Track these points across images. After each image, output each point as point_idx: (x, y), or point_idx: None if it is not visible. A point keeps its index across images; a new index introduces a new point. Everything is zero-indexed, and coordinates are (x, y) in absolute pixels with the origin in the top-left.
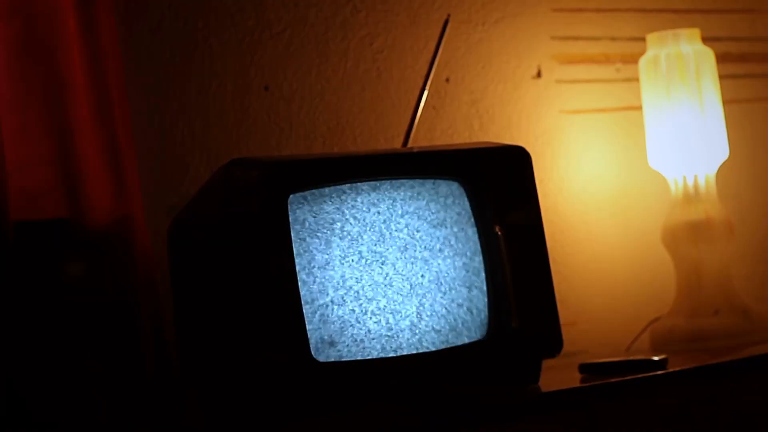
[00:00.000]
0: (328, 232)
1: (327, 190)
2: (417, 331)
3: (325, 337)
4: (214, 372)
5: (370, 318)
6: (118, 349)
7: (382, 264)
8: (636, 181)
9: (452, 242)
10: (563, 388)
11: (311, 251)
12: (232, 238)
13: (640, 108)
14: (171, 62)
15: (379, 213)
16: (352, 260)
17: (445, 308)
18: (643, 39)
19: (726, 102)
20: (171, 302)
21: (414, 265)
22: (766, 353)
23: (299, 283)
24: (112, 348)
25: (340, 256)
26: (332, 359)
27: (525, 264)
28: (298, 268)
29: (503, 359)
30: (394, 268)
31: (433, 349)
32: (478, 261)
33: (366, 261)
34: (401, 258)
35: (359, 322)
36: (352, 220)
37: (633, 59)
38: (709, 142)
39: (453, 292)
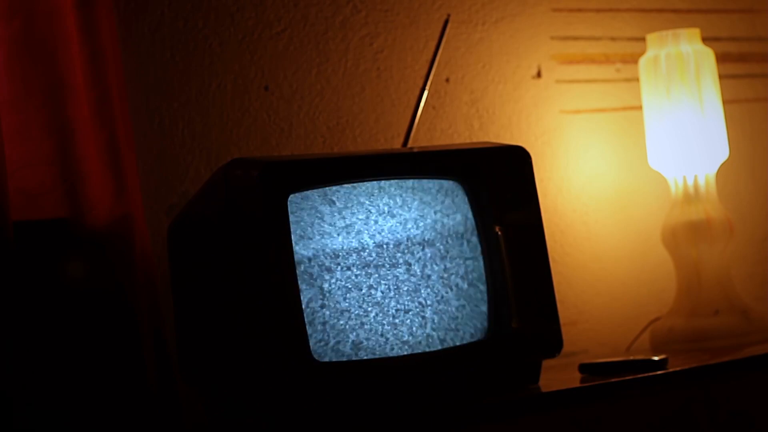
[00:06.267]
0: (329, 232)
1: (327, 190)
2: (417, 331)
3: (325, 337)
4: (214, 372)
5: (370, 318)
6: (117, 349)
7: (382, 264)
8: (636, 181)
9: (452, 242)
10: (563, 388)
11: (311, 251)
12: (232, 238)
13: (640, 108)
14: (171, 62)
15: (378, 213)
16: (352, 260)
17: (445, 308)
18: (643, 39)
19: (726, 102)
20: (171, 302)
21: (414, 265)
22: (766, 353)
23: (299, 283)
24: (111, 348)
25: (339, 255)
26: (332, 359)
27: (525, 264)
28: (297, 267)
29: (503, 359)
30: (394, 268)
31: (433, 349)
32: (478, 261)
33: (365, 261)
34: (401, 258)
35: (359, 322)
36: (352, 220)
37: (633, 59)
38: (709, 142)
39: (453, 292)
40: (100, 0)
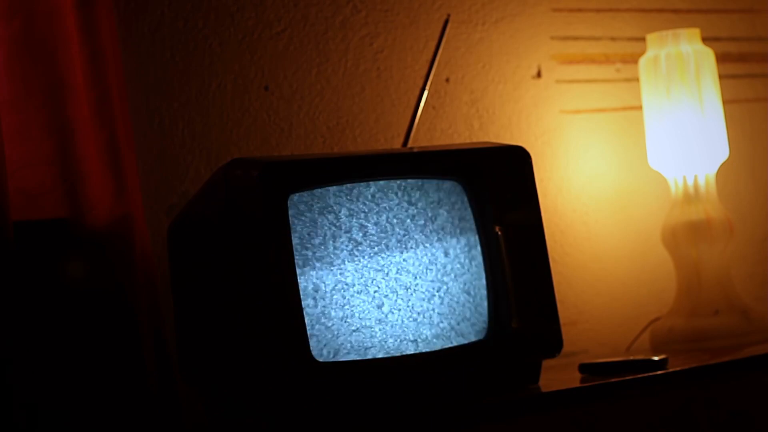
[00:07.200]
0: (328, 232)
1: (327, 190)
2: (417, 330)
3: (325, 337)
4: (214, 372)
5: (370, 318)
6: (118, 349)
7: (382, 264)
8: (636, 181)
9: (452, 242)
10: (563, 388)
11: (311, 251)
12: (232, 238)
13: (640, 108)
14: (171, 62)
15: (379, 213)
16: (352, 260)
17: (445, 308)
18: (643, 39)
19: (726, 102)
20: (171, 302)
21: (414, 265)
22: (766, 353)
23: (299, 283)
24: (111, 348)
25: (339, 256)
26: (332, 359)
27: (525, 264)
28: (297, 268)
29: (503, 359)
30: (394, 269)
31: (433, 349)
32: (478, 261)
33: (366, 261)
34: (401, 258)
35: (359, 322)
36: (352, 220)
37: (633, 59)
38: (709, 142)
39: (453, 292)
40: (100, 0)
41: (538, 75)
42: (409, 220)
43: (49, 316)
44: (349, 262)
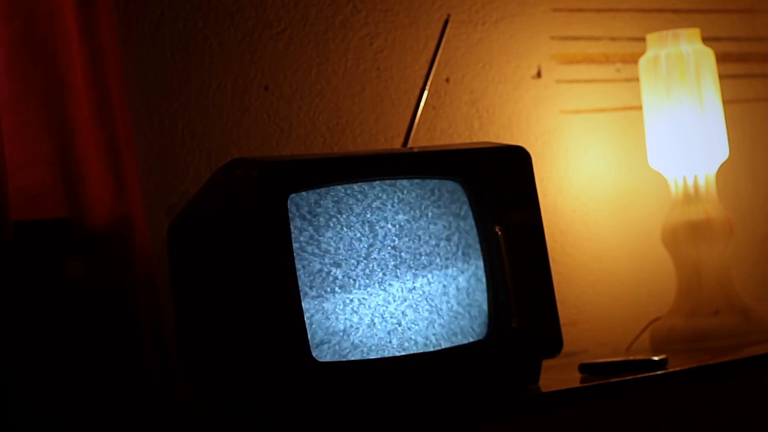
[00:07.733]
0: (328, 232)
1: (327, 190)
2: (417, 331)
3: (325, 337)
4: (214, 372)
5: (370, 318)
6: (118, 349)
7: (382, 264)
8: (636, 181)
9: (452, 242)
10: (563, 388)
11: (311, 251)
12: (232, 238)
13: (640, 108)
14: (171, 62)
15: (378, 213)
16: (352, 260)
17: (445, 308)
18: (643, 39)
19: (726, 102)
20: (171, 302)
21: (414, 265)
22: (766, 353)
23: (299, 283)
24: (112, 348)
25: (339, 256)
26: (332, 359)
27: (525, 264)
28: (297, 267)
29: (503, 359)
30: (394, 269)
31: (433, 349)
32: (478, 261)
33: (365, 261)
34: (401, 258)
35: (359, 322)
36: (351, 220)
37: (633, 59)
38: (709, 142)
39: (453, 292)
40: (100, 0)
41: (538, 75)
42: (408, 221)
43: (49, 316)
44: (347, 261)
